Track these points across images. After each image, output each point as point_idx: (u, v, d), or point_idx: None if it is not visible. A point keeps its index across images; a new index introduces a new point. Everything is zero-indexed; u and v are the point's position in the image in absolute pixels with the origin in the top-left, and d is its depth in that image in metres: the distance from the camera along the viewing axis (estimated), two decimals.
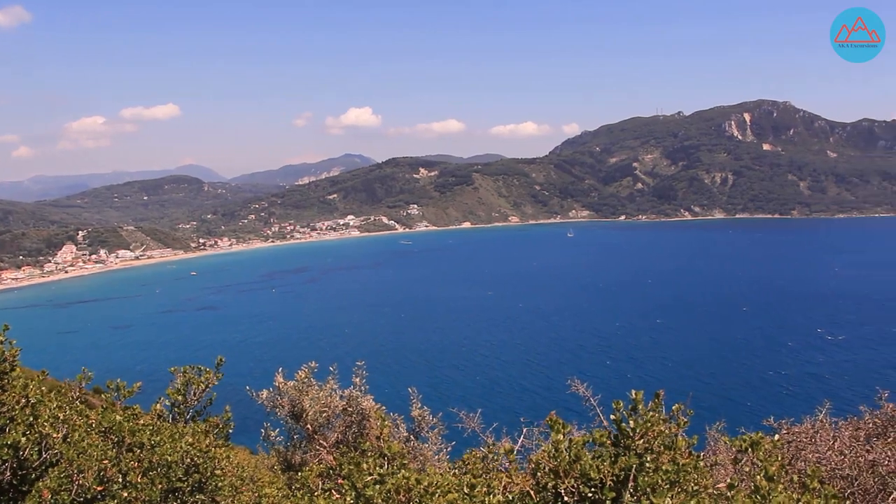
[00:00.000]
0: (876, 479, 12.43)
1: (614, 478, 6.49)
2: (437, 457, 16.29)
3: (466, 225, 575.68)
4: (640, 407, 6.75)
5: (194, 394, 11.10)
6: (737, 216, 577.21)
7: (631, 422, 6.67)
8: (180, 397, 11.02)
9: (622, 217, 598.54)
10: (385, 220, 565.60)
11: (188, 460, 9.29)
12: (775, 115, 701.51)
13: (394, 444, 7.84)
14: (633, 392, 6.85)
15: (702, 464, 7.41)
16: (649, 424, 6.61)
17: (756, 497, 6.36)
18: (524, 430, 13.01)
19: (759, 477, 6.48)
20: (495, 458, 10.94)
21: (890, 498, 12.10)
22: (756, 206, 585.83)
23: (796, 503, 6.93)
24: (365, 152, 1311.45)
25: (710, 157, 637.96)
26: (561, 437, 6.54)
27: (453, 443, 16.65)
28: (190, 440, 9.56)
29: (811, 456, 13.72)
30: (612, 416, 6.82)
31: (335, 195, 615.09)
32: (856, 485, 12.57)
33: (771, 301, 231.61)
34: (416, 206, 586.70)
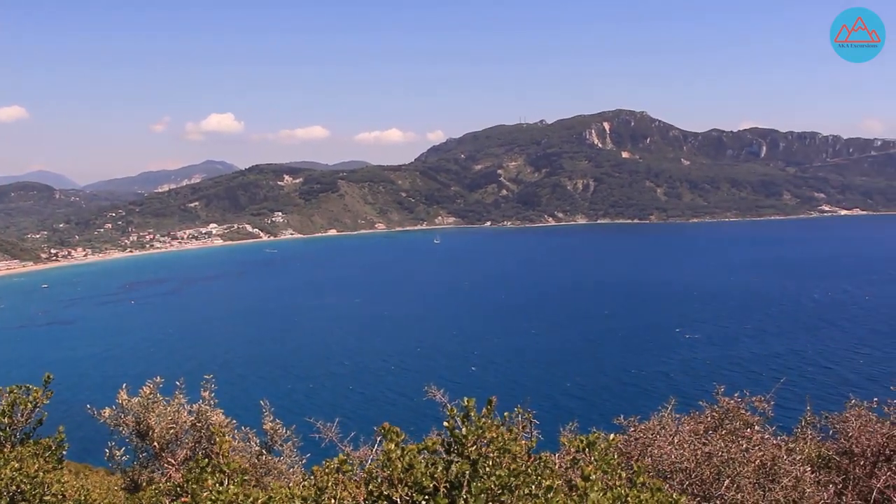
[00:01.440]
0: (711, 470, 13.08)
1: (448, 484, 6.54)
2: (291, 470, 16.04)
3: (332, 232, 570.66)
4: (473, 413, 6.84)
5: (22, 415, 10.46)
6: (598, 221, 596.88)
7: (464, 428, 6.73)
8: (6, 419, 10.36)
9: (488, 223, 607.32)
10: (249, 228, 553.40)
11: (13, 487, 8.75)
12: (633, 124, 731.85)
13: (235, 460, 7.67)
14: (465, 399, 6.92)
15: (554, 464, 7.56)
16: (481, 430, 6.69)
17: (573, 496, 6.54)
18: (378, 438, 12.97)
19: (577, 477, 6.66)
20: (349, 468, 10.86)
21: (723, 486, 12.76)
22: (616, 212, 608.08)
23: (622, 500, 7.16)
24: (227, 159, 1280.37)
25: (572, 165, 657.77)
26: (393, 446, 6.54)
27: (308, 455, 16.42)
28: (16, 465, 8.99)
29: (656, 451, 14.28)
30: (445, 424, 6.88)
31: (197, 203, 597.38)
32: (693, 476, 13.19)
33: (632, 303, 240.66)
34: (280, 213, 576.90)
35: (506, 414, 7.31)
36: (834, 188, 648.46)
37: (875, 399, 15.57)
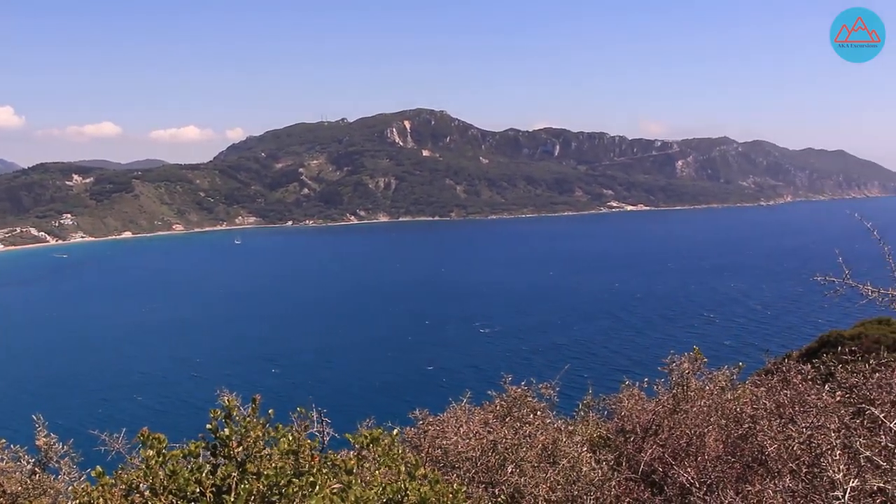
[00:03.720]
0: (497, 457, 13.61)
1: (214, 489, 6.38)
2: (69, 488, 15.09)
3: (127, 234, 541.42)
4: (236, 413, 6.69)
5: None
6: (400, 219, 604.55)
7: (227, 429, 6.58)
8: None
9: (289, 223, 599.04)
10: (34, 231, 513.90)
11: None
12: (433, 123, 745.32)
13: None
14: (227, 398, 6.77)
15: (345, 463, 7.52)
16: (245, 430, 6.57)
17: (339, 493, 6.57)
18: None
19: (341, 472, 6.69)
20: (108, 479, 10.34)
21: (508, 472, 13.31)
22: (417, 209, 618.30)
23: (402, 493, 7.27)
24: (7, 157, 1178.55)
25: (373, 163, 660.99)
26: (152, 452, 6.30)
27: (88, 470, 15.51)
28: None
29: (445, 443, 14.66)
30: (207, 426, 6.69)
31: None
32: (479, 464, 13.66)
33: (432, 299, 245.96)
34: (70, 215, 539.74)
35: (270, 411, 7.17)
36: (621, 185, 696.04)
37: (646, 379, 16.86)
